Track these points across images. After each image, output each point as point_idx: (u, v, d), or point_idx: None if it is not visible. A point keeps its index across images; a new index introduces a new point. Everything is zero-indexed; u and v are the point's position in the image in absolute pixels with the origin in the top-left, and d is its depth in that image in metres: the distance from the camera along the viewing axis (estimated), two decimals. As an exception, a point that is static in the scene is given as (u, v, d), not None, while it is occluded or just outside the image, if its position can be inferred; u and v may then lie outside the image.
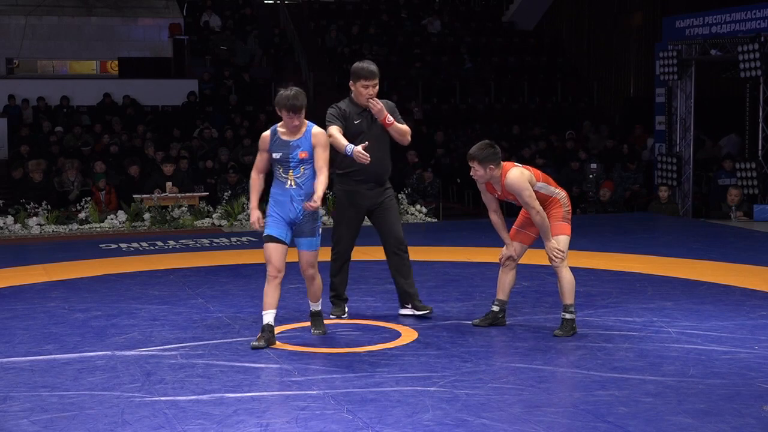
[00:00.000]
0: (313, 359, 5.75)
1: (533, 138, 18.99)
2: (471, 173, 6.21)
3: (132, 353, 5.92)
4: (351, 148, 6.34)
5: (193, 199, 13.61)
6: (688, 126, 15.47)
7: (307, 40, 23.03)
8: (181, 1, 23.05)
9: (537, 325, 6.56)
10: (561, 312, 6.30)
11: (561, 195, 6.34)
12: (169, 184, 13.71)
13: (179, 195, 13.53)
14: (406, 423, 4.55)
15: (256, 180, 6.15)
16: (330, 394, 5.01)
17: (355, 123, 6.69)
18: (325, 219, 11.78)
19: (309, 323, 6.46)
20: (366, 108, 6.69)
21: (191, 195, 13.67)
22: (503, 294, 6.50)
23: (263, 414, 4.72)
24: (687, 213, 15.23)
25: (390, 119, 6.69)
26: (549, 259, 6.26)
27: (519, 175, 6.16)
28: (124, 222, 13.06)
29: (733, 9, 14.91)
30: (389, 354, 5.84)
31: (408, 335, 6.31)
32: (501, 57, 22.96)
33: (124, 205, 13.38)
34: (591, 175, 16.01)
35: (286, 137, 6.01)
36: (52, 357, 5.87)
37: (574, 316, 6.28)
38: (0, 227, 12.68)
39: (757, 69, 13.69)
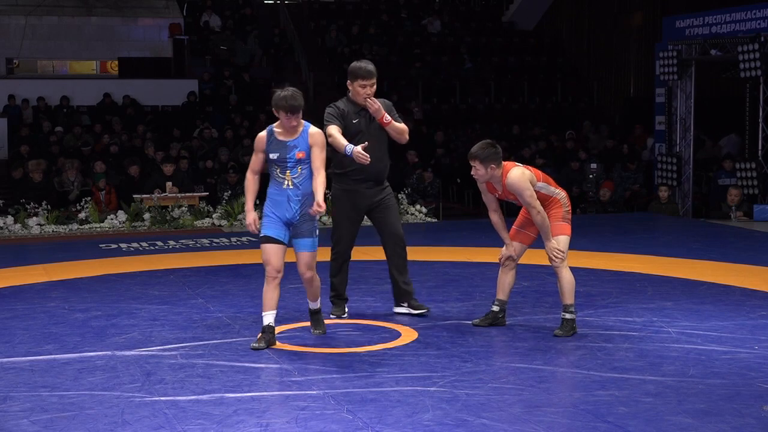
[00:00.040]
0: (313, 359, 5.75)
1: (533, 138, 18.98)
2: (472, 173, 6.21)
3: (132, 353, 5.92)
4: (351, 148, 6.32)
5: (193, 199, 13.60)
6: (688, 126, 15.47)
7: (307, 40, 23.03)
8: (181, 1, 23.04)
9: (537, 325, 6.56)
10: (561, 312, 6.31)
11: (561, 195, 6.34)
12: (169, 184, 13.71)
13: (179, 195, 13.53)
14: (406, 423, 4.55)
15: (251, 181, 6.08)
16: (330, 394, 5.01)
17: (354, 122, 6.70)
18: (325, 219, 11.77)
19: (309, 323, 6.46)
20: (364, 107, 6.70)
21: (191, 195, 13.67)
22: (503, 294, 6.50)
23: (263, 414, 4.72)
24: (687, 213, 15.23)
25: (387, 118, 6.70)
26: (549, 259, 6.26)
27: (520, 175, 6.16)
28: (124, 222, 13.06)
29: (733, 9, 14.91)
30: (389, 354, 5.84)
31: (408, 335, 6.31)
32: (501, 57, 22.96)
33: (124, 205, 13.37)
34: (591, 175, 16.00)
35: (282, 137, 5.96)
36: (52, 357, 5.87)
37: (574, 316, 6.28)
38: (0, 227, 12.68)
39: (757, 69, 13.69)
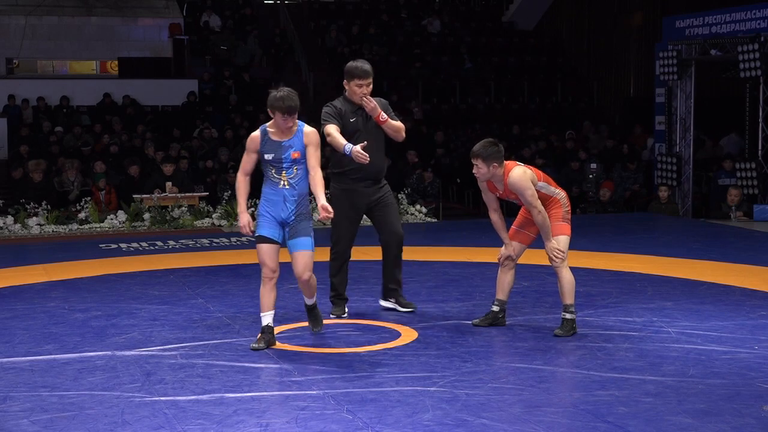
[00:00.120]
0: (313, 359, 5.75)
1: (533, 138, 18.98)
2: (474, 171, 6.19)
3: (132, 353, 5.92)
4: (350, 147, 6.33)
5: (193, 199, 13.60)
6: (688, 126, 15.47)
7: (307, 40, 23.03)
8: (181, 1, 23.05)
9: (537, 325, 6.55)
10: (561, 312, 6.31)
11: (561, 195, 6.34)
12: (169, 184, 13.71)
13: (179, 195, 13.53)
14: (406, 423, 4.55)
15: (242, 182, 6.00)
16: (330, 394, 5.01)
17: (351, 121, 6.73)
18: (320, 218, 11.75)
19: (309, 323, 6.45)
20: (360, 106, 6.73)
21: (191, 195, 13.66)
22: (503, 294, 6.50)
23: (263, 414, 4.72)
24: (687, 213, 15.23)
25: (384, 116, 6.73)
26: (549, 259, 6.26)
27: (522, 174, 6.16)
28: (124, 222, 13.05)
29: (733, 9, 14.91)
30: (389, 354, 5.84)
31: (408, 335, 6.31)
32: (501, 57, 22.96)
33: (124, 205, 13.37)
34: (591, 175, 16.00)
35: (277, 138, 5.91)
36: (52, 357, 5.87)
37: (574, 316, 6.27)
38: (0, 227, 12.68)
39: (757, 69, 13.69)
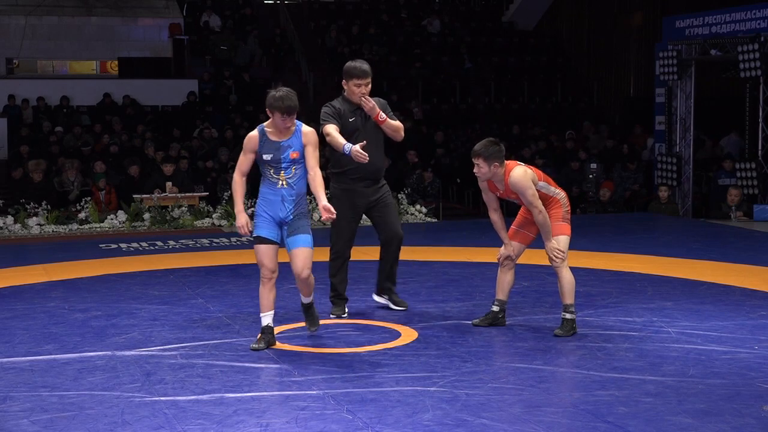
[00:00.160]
0: (313, 359, 5.75)
1: (533, 138, 18.98)
2: (475, 170, 6.19)
3: (132, 353, 5.92)
4: (349, 147, 6.34)
5: (193, 199, 13.61)
6: (688, 126, 15.47)
7: (307, 40, 23.03)
8: (181, 1, 23.04)
9: (537, 325, 6.55)
10: (561, 312, 6.31)
11: (561, 195, 6.34)
12: (169, 184, 13.71)
13: (179, 195, 13.54)
14: (406, 423, 4.55)
15: (239, 183, 5.96)
16: (330, 394, 5.01)
17: (350, 121, 6.75)
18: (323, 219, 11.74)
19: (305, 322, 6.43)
20: (359, 106, 6.75)
21: (191, 195, 13.67)
22: (503, 294, 6.50)
23: (263, 414, 4.72)
24: (687, 213, 15.23)
25: (383, 116, 6.75)
26: (549, 259, 6.25)
27: (523, 174, 6.16)
28: (124, 222, 13.05)
29: (733, 9, 14.91)
30: (389, 354, 5.84)
31: (408, 335, 6.31)
32: (501, 57, 22.96)
33: (124, 205, 13.37)
34: (591, 175, 16.01)
35: (275, 138, 5.87)
36: (52, 357, 5.87)
37: (574, 316, 6.27)
38: (0, 227, 12.68)
39: (757, 69, 13.69)
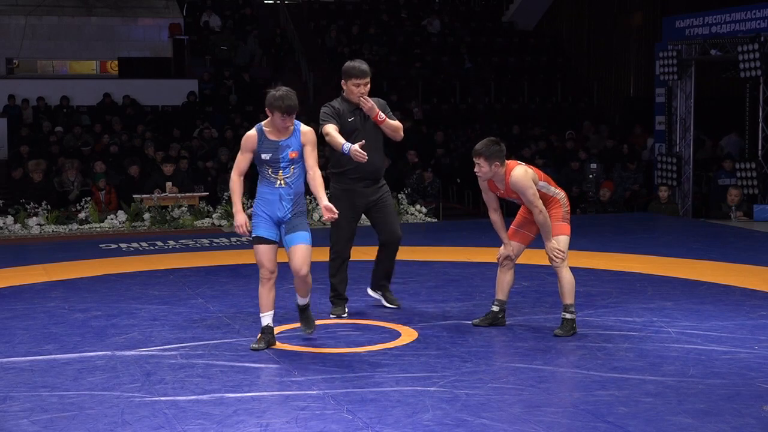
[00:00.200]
0: (313, 359, 5.75)
1: (533, 138, 18.98)
2: (475, 170, 6.19)
3: (132, 353, 5.92)
4: (348, 146, 6.36)
5: (193, 199, 13.61)
6: (688, 126, 15.47)
7: (307, 40, 23.03)
8: (181, 1, 23.04)
9: (537, 325, 6.55)
10: (561, 312, 6.31)
11: (561, 195, 6.34)
12: (169, 184, 13.71)
13: (179, 195, 13.54)
14: (406, 423, 4.55)
15: (237, 183, 5.90)
16: (330, 394, 5.01)
17: (349, 120, 6.76)
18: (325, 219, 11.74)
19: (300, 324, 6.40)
20: (358, 105, 6.76)
21: (191, 195, 13.67)
22: (502, 294, 6.50)
23: (263, 414, 4.72)
24: (687, 213, 15.23)
25: (382, 116, 6.77)
26: (549, 259, 6.25)
27: (524, 174, 6.16)
28: (124, 222, 13.05)
29: (733, 9, 14.91)
30: (389, 354, 5.84)
31: (408, 335, 6.31)
32: (501, 57, 22.95)
33: (124, 205, 13.37)
34: (591, 175, 16.01)
35: (274, 137, 5.84)
36: (52, 357, 5.87)
37: (574, 316, 6.27)
38: (0, 227, 12.68)
39: (757, 69, 13.69)
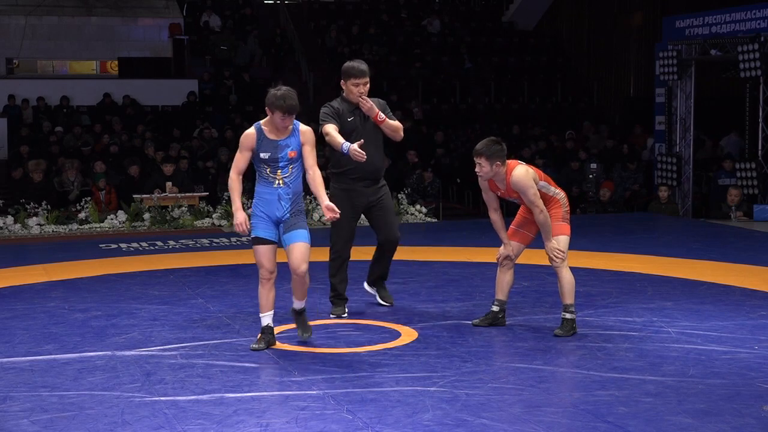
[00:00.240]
0: (313, 359, 5.75)
1: (533, 138, 18.98)
2: (476, 170, 6.18)
3: (132, 353, 5.92)
4: (347, 146, 6.37)
5: (193, 199, 13.61)
6: (688, 126, 15.47)
7: (307, 40, 23.03)
8: (181, 1, 23.04)
9: (537, 325, 6.55)
10: (561, 312, 6.31)
11: (560, 195, 6.34)
12: (169, 184, 13.71)
13: (179, 195, 13.53)
14: (406, 423, 4.55)
15: (236, 181, 5.87)
16: (330, 394, 5.01)
17: (349, 120, 6.77)
18: (324, 219, 11.75)
19: (308, 323, 6.41)
20: (358, 105, 6.77)
21: (191, 195, 13.67)
22: (502, 294, 6.50)
23: (263, 414, 4.72)
24: (687, 213, 15.23)
25: (381, 116, 6.78)
26: (549, 259, 6.26)
27: (525, 173, 6.16)
28: (124, 222, 13.05)
29: (733, 9, 14.90)
30: (389, 354, 5.84)
31: (408, 335, 6.31)
32: (501, 57, 22.95)
33: (124, 205, 13.37)
34: (591, 175, 16.00)
35: (273, 136, 5.81)
36: (52, 357, 5.87)
37: (574, 316, 6.27)
38: (0, 227, 12.68)
39: (757, 69, 13.69)
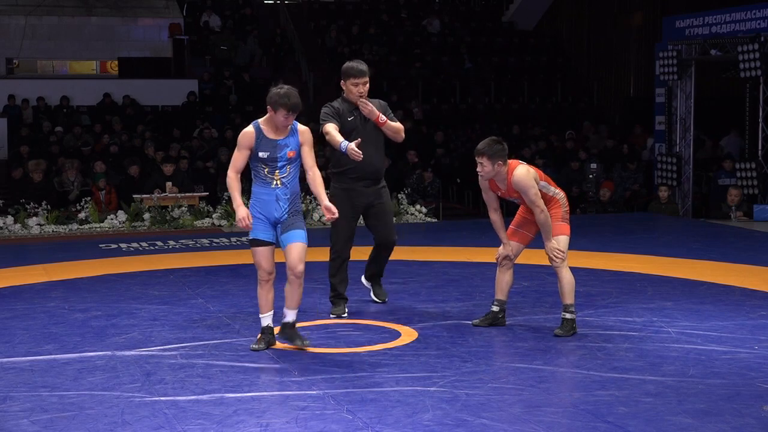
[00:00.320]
0: (313, 359, 5.75)
1: (533, 138, 18.97)
2: (478, 169, 6.19)
3: (132, 353, 5.92)
4: (345, 144, 6.39)
5: (193, 199, 13.61)
6: (688, 126, 15.47)
7: (307, 40, 23.03)
8: (181, 1, 23.04)
9: (537, 325, 6.55)
10: (561, 312, 6.31)
11: (560, 195, 6.35)
12: (169, 184, 13.71)
13: (179, 195, 13.54)
14: (406, 423, 4.55)
15: (235, 179, 5.81)
16: (330, 394, 5.01)
17: (349, 120, 6.78)
18: (324, 219, 11.75)
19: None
20: (358, 105, 6.76)
21: (191, 195, 13.67)
22: (502, 294, 6.50)
23: (263, 414, 4.72)
24: (687, 213, 15.23)
25: (383, 118, 6.78)
26: (549, 259, 6.26)
27: (526, 173, 6.16)
28: (124, 222, 13.05)
29: (733, 9, 14.90)
30: (389, 354, 5.84)
31: (408, 335, 6.31)
32: (501, 57, 22.95)
33: (124, 205, 13.37)
34: (591, 175, 16.00)
35: (272, 135, 5.74)
36: (52, 357, 5.87)
37: (574, 316, 6.28)
38: (0, 227, 12.68)
39: (757, 69, 13.69)
